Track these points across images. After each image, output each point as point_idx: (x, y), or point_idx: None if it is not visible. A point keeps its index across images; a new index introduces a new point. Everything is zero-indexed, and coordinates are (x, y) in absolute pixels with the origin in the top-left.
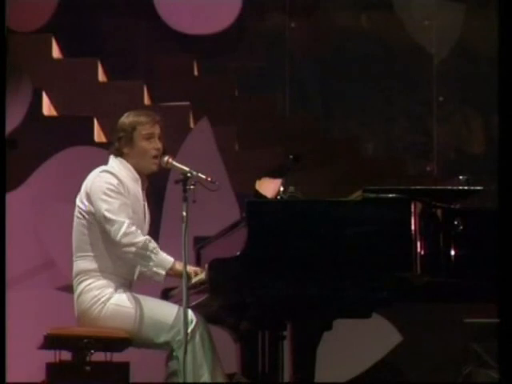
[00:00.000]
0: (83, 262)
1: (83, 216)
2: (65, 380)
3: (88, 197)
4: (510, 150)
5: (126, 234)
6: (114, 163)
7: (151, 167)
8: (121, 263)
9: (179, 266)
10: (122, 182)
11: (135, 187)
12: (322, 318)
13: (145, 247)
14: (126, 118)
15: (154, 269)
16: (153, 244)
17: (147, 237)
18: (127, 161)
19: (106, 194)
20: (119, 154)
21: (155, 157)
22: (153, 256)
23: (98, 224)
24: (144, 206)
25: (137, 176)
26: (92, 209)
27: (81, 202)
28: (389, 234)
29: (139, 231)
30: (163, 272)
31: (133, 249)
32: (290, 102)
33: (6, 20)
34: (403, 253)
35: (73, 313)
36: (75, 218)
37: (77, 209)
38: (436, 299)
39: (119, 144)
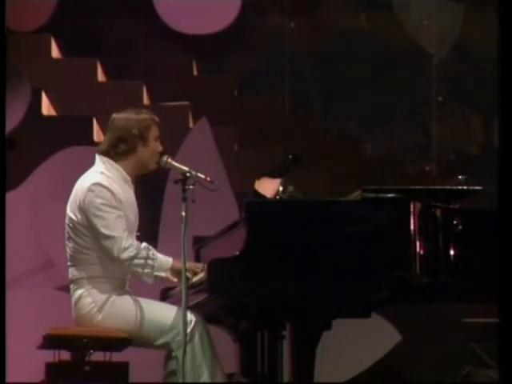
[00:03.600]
0: (76, 270)
1: (74, 226)
2: (64, 380)
3: (81, 211)
4: (510, 150)
5: (124, 249)
6: (102, 166)
7: (153, 166)
8: (112, 267)
9: (178, 264)
10: (113, 193)
11: (126, 190)
12: (322, 317)
13: (144, 256)
14: (138, 116)
15: (155, 273)
16: (151, 251)
17: (144, 244)
18: (134, 160)
19: (100, 209)
20: (127, 152)
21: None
22: (152, 262)
23: (90, 234)
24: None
25: (127, 177)
26: (86, 222)
27: (73, 213)
28: (388, 234)
29: (134, 241)
30: (164, 274)
31: (133, 261)
32: (290, 101)
33: (5, 20)
34: (403, 253)
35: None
36: (66, 227)
37: (68, 218)
38: (436, 299)
39: (132, 142)
